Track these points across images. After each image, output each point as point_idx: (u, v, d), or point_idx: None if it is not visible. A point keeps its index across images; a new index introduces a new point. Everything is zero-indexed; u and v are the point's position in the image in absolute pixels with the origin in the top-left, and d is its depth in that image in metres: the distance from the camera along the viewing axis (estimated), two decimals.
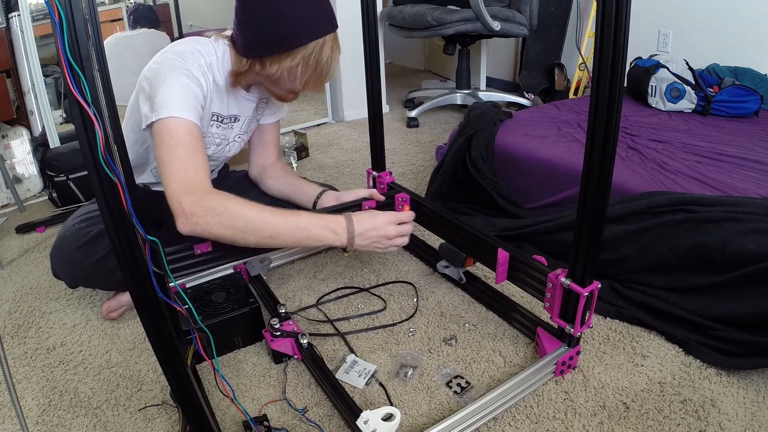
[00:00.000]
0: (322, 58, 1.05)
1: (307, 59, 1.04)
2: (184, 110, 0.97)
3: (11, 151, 2.08)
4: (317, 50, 1.03)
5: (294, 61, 1.03)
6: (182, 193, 0.92)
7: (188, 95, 1.00)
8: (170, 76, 0.99)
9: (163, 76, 0.99)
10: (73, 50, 0.53)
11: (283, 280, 1.38)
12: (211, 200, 0.94)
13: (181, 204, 0.92)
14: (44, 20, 2.15)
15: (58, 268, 1.21)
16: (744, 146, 1.52)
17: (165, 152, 0.95)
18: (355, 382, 1.01)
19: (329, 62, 1.07)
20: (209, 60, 1.07)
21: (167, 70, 1.00)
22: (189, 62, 1.03)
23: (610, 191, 0.83)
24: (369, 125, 1.43)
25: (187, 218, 0.92)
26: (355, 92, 2.87)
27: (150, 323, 0.66)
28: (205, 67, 1.06)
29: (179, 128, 0.96)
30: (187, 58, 1.03)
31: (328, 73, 1.09)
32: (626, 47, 0.72)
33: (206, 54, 1.07)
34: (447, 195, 1.72)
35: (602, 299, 1.19)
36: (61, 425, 0.96)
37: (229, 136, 1.24)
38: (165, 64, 1.02)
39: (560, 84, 2.89)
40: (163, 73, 1.00)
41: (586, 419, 0.91)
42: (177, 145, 0.95)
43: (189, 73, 1.02)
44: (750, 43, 2.13)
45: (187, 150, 0.96)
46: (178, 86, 0.99)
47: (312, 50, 1.03)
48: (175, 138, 0.95)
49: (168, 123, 0.96)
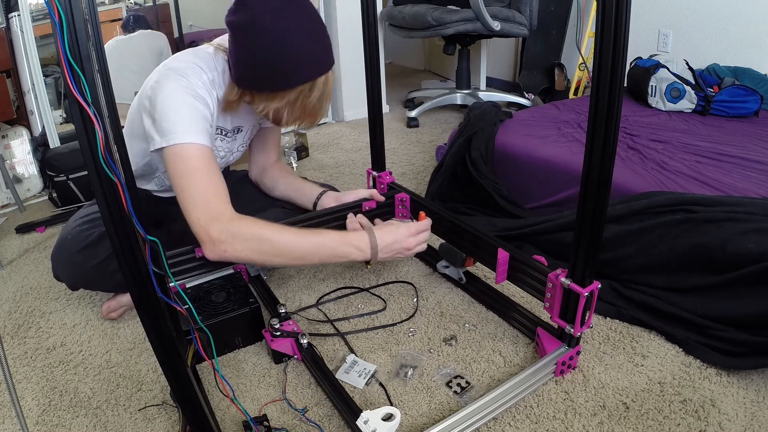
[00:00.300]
0: (309, 102, 1.01)
1: (293, 103, 1.01)
2: (195, 134, 0.96)
3: (11, 151, 2.08)
4: (305, 93, 1.00)
5: (280, 103, 1.00)
6: (207, 222, 0.92)
7: (196, 117, 0.98)
8: (176, 98, 0.96)
9: (168, 97, 0.96)
10: (73, 50, 0.52)
11: (283, 280, 1.38)
12: (237, 227, 0.94)
13: (208, 232, 0.92)
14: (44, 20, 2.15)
15: (59, 270, 1.21)
16: (744, 146, 1.52)
17: (182, 180, 0.94)
18: (355, 382, 1.01)
19: (319, 104, 1.03)
20: (211, 76, 1.04)
21: (172, 91, 0.97)
22: (192, 81, 1.00)
23: (610, 191, 0.83)
24: (369, 125, 1.43)
25: (215, 246, 0.92)
26: (355, 92, 2.87)
27: (150, 323, 0.66)
28: (209, 83, 1.03)
29: (193, 153, 0.95)
30: (190, 77, 1.00)
31: (318, 113, 1.06)
32: (626, 47, 0.72)
33: (207, 70, 1.04)
34: (447, 195, 1.72)
35: (602, 299, 1.19)
36: (61, 425, 0.96)
37: (234, 147, 1.24)
38: (168, 84, 0.98)
39: (560, 84, 2.89)
40: (168, 93, 0.97)
41: (586, 419, 0.91)
42: (193, 171, 0.94)
43: (194, 92, 0.99)
44: (750, 43, 2.13)
45: (204, 175, 0.95)
46: (185, 109, 0.96)
47: (299, 95, 0.99)
48: (190, 163, 0.94)
49: (180, 149, 0.94)
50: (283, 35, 0.93)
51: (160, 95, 0.96)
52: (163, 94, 0.96)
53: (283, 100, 1.00)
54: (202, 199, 0.93)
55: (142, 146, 1.12)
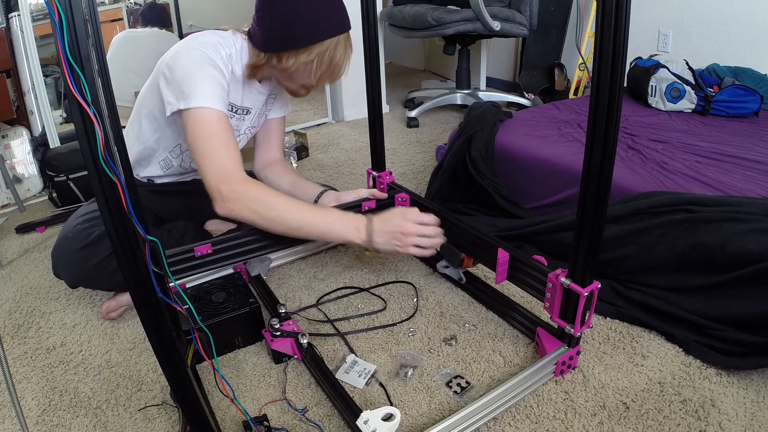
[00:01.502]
0: (336, 56, 1.09)
1: (322, 56, 1.08)
2: (214, 100, 1.03)
3: (11, 151, 2.08)
4: (332, 48, 1.08)
5: (309, 56, 1.07)
6: (220, 181, 1.00)
7: (216, 85, 1.05)
8: (197, 66, 1.04)
9: (190, 65, 1.04)
10: (73, 50, 0.53)
11: (283, 280, 1.38)
12: (247, 189, 1.01)
13: (220, 190, 1.00)
14: (44, 20, 2.15)
15: (59, 269, 1.21)
16: (744, 146, 1.52)
17: (200, 142, 1.01)
18: (355, 382, 1.01)
19: (342, 60, 1.12)
20: (229, 51, 1.11)
21: (193, 60, 1.05)
22: (212, 53, 1.07)
23: (610, 191, 0.83)
24: (369, 125, 1.43)
25: (225, 203, 1.00)
26: (355, 92, 2.86)
27: (150, 323, 0.66)
28: (225, 57, 1.10)
29: (211, 119, 1.02)
30: (209, 49, 1.07)
31: (341, 70, 1.13)
32: (626, 47, 0.72)
33: (226, 45, 1.11)
34: (447, 195, 1.72)
35: (602, 299, 1.19)
36: (61, 425, 0.96)
37: (241, 128, 1.27)
38: (189, 53, 1.06)
39: (560, 84, 2.89)
40: (189, 62, 1.04)
41: (586, 419, 0.91)
42: (211, 135, 1.02)
43: (214, 63, 1.06)
44: (750, 43, 2.13)
45: (221, 140, 1.02)
46: (206, 76, 1.04)
47: (327, 48, 1.08)
48: (209, 129, 1.02)
49: (200, 113, 1.02)
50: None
51: (180, 63, 1.05)
52: (184, 61, 1.05)
53: (313, 53, 1.07)
54: (217, 161, 1.01)
55: (153, 123, 1.19)
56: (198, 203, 1.38)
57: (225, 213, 1.01)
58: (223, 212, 1.01)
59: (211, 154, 1.01)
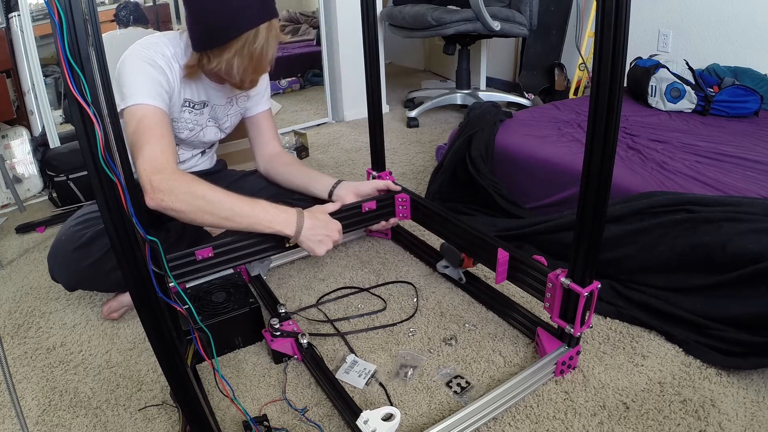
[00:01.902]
0: (255, 49, 1.08)
1: (241, 51, 1.07)
2: (149, 97, 1.05)
3: (11, 151, 2.08)
4: (250, 41, 1.06)
5: (229, 53, 1.07)
6: (151, 172, 0.99)
7: (152, 82, 1.07)
8: (135, 66, 1.07)
9: (129, 66, 1.07)
10: (73, 50, 0.53)
11: (283, 280, 1.38)
12: (177, 179, 1.01)
13: (151, 181, 0.99)
14: (44, 20, 2.15)
15: (55, 272, 1.21)
16: (744, 146, 1.52)
17: (134, 136, 1.03)
18: (355, 382, 1.01)
19: (264, 52, 1.10)
20: (173, 50, 1.13)
21: (132, 61, 1.08)
22: (153, 52, 1.09)
23: (610, 191, 0.83)
24: (369, 125, 1.43)
25: (155, 194, 0.99)
26: (355, 92, 2.87)
27: (150, 323, 0.66)
28: (170, 57, 1.12)
29: (146, 114, 1.04)
30: (152, 48, 1.10)
31: (264, 61, 1.12)
32: (626, 47, 0.72)
33: (170, 45, 1.13)
34: (447, 195, 1.72)
35: (602, 299, 1.19)
36: (61, 425, 0.96)
37: (201, 121, 1.27)
38: (131, 55, 1.09)
39: (560, 84, 2.89)
40: (129, 63, 1.08)
41: (586, 419, 0.91)
42: (145, 129, 1.03)
43: (152, 62, 1.08)
44: (750, 43, 2.13)
45: (154, 133, 1.03)
46: (143, 75, 1.06)
47: (245, 42, 1.06)
48: (143, 123, 1.03)
49: (135, 109, 1.04)
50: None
51: (123, 65, 1.08)
52: (125, 63, 1.08)
53: (232, 50, 1.07)
54: (150, 153, 1.01)
55: None
56: None
57: (155, 205, 0.99)
58: (153, 204, 0.99)
59: (144, 147, 1.01)
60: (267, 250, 1.14)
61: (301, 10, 3.90)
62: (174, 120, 1.18)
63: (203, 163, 1.39)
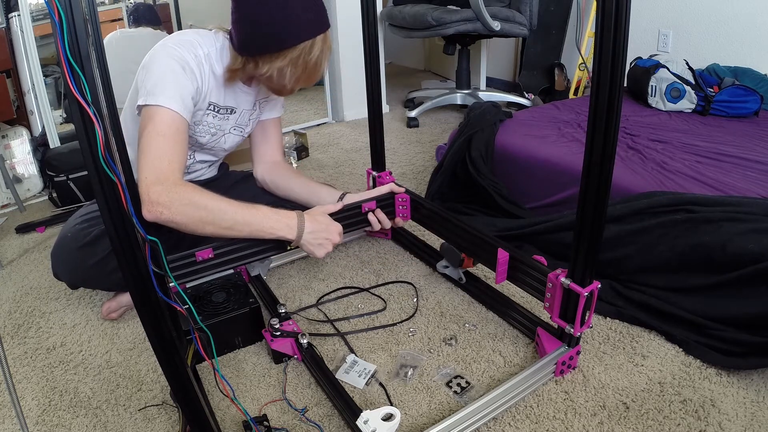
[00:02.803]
0: (310, 59, 1.06)
1: (296, 60, 1.06)
2: (172, 100, 1.00)
3: (11, 151, 2.08)
4: (306, 51, 1.05)
5: (283, 62, 1.05)
6: (152, 182, 0.95)
7: (179, 85, 1.02)
8: (164, 64, 1.02)
9: (158, 62, 1.03)
10: (73, 50, 0.53)
11: (283, 280, 1.38)
12: (177, 192, 0.97)
13: (149, 193, 0.94)
14: (44, 20, 2.15)
15: (58, 269, 1.21)
16: (744, 146, 1.52)
17: (145, 139, 0.98)
18: (355, 382, 1.01)
19: (318, 63, 1.09)
20: (207, 50, 1.09)
21: (163, 58, 1.03)
22: (185, 51, 1.05)
23: (610, 191, 0.83)
24: (369, 125, 1.43)
25: (153, 206, 0.94)
26: (355, 92, 2.87)
27: (150, 323, 0.66)
28: (203, 57, 1.08)
29: (163, 118, 0.99)
30: (185, 47, 1.06)
31: (317, 72, 1.11)
32: (626, 47, 0.72)
33: (205, 44, 1.09)
34: (447, 195, 1.72)
35: (602, 299, 1.19)
36: (61, 425, 0.96)
37: (225, 128, 1.24)
38: (162, 51, 1.04)
39: (560, 84, 2.89)
40: (159, 60, 1.03)
41: (586, 419, 0.91)
42: (158, 134, 0.98)
43: (184, 63, 1.04)
44: (750, 43, 2.13)
45: (167, 141, 0.99)
46: (171, 75, 1.02)
47: (300, 52, 1.05)
48: (158, 127, 0.99)
49: (154, 111, 0.99)
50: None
51: (152, 61, 1.03)
52: (154, 59, 1.03)
53: (286, 59, 1.05)
54: (155, 161, 0.97)
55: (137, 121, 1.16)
56: None
57: (152, 217, 0.95)
58: (151, 216, 0.95)
59: (152, 153, 0.97)
60: (267, 251, 1.14)
61: None
62: (196, 123, 1.15)
63: (209, 172, 1.37)
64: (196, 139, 1.18)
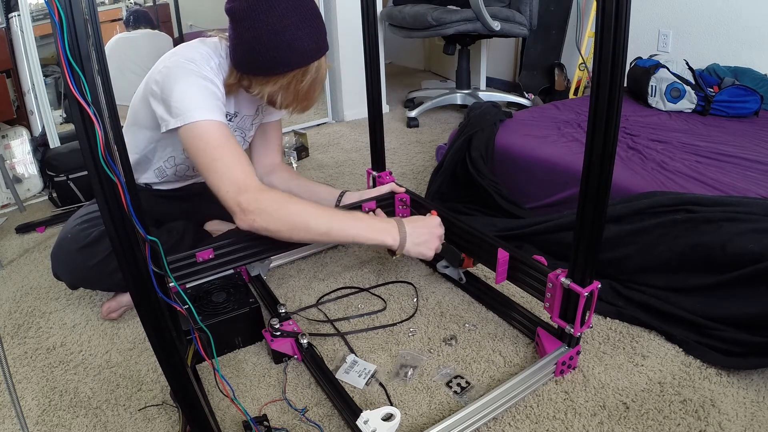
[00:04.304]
0: (301, 87, 1.05)
1: (286, 87, 1.04)
2: (210, 112, 0.99)
3: (11, 151, 2.08)
4: (297, 78, 1.03)
5: (273, 87, 1.04)
6: (236, 193, 0.95)
7: (209, 96, 1.01)
8: (186, 80, 1.00)
9: (178, 79, 1.00)
10: (73, 50, 0.52)
11: (283, 280, 1.38)
12: (266, 198, 0.96)
13: (239, 203, 0.95)
14: (44, 20, 2.15)
15: (58, 270, 1.21)
16: (744, 146, 1.52)
17: (205, 157, 0.97)
18: (355, 382, 1.01)
19: (311, 90, 1.07)
20: (218, 61, 1.08)
21: (182, 74, 1.00)
22: (201, 65, 1.04)
23: (610, 191, 0.83)
24: (369, 125, 1.43)
25: (246, 215, 0.95)
26: (355, 92, 2.87)
27: (150, 323, 0.66)
28: (216, 68, 1.07)
29: (211, 130, 0.98)
30: (199, 62, 1.04)
31: (309, 99, 1.09)
32: (626, 47, 0.72)
33: (215, 55, 1.08)
34: (447, 195, 1.72)
35: (602, 299, 1.19)
36: (61, 425, 0.96)
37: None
38: (178, 68, 1.02)
39: (560, 84, 2.89)
40: (178, 76, 1.00)
41: (586, 419, 0.91)
42: (215, 147, 0.97)
43: (203, 75, 1.03)
44: (750, 43, 2.13)
45: (226, 150, 0.97)
46: (198, 89, 1.00)
47: (291, 79, 1.03)
48: (211, 141, 0.97)
49: (198, 127, 0.97)
50: (276, 22, 0.98)
51: (170, 79, 1.00)
52: (174, 77, 1.00)
53: (276, 85, 1.03)
54: (228, 172, 0.96)
55: (147, 134, 1.16)
56: (196, 205, 1.38)
57: (247, 227, 0.96)
58: (246, 226, 0.96)
59: (220, 168, 0.96)
60: (267, 251, 1.14)
61: None
62: None
63: None
64: None
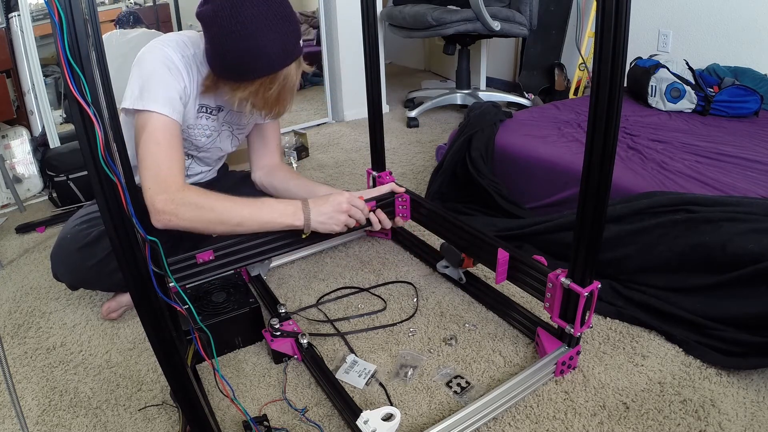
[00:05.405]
0: (270, 95, 1.04)
1: (255, 94, 1.04)
2: (165, 106, 1.01)
3: (11, 151, 2.08)
4: (265, 86, 1.02)
5: (243, 93, 1.03)
6: (156, 192, 0.97)
7: (166, 87, 1.03)
8: (151, 66, 1.02)
9: (145, 64, 1.03)
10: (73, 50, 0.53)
11: (283, 280, 1.38)
12: (182, 197, 0.99)
13: (154, 203, 0.97)
14: (44, 20, 2.15)
15: (58, 270, 1.21)
16: (744, 146, 1.52)
17: (142, 149, 1.00)
18: (355, 382, 1.01)
19: (280, 97, 1.06)
20: (193, 51, 1.08)
21: (151, 60, 1.03)
22: (172, 51, 1.05)
23: (610, 191, 0.83)
24: (369, 125, 1.43)
25: (160, 215, 0.97)
26: (355, 92, 2.86)
27: (150, 323, 0.66)
28: (190, 58, 1.07)
29: (157, 126, 1.01)
30: (172, 47, 1.05)
31: (279, 105, 1.08)
32: (626, 47, 0.72)
33: (191, 45, 1.08)
34: (447, 195, 1.72)
35: (602, 299, 1.19)
36: (61, 425, 0.96)
37: (217, 126, 1.24)
38: (149, 53, 1.04)
39: (560, 84, 2.89)
40: (148, 62, 1.03)
41: (586, 419, 0.91)
42: (154, 142, 1.00)
43: (172, 64, 1.04)
44: (750, 43, 2.13)
45: (162, 148, 1.00)
46: (157, 76, 1.02)
47: (259, 86, 1.02)
48: (154, 135, 1.00)
49: (149, 118, 1.00)
50: (241, 28, 0.97)
51: (140, 62, 1.03)
52: (143, 61, 1.03)
53: (246, 91, 1.03)
54: (155, 170, 0.99)
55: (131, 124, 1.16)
56: None
57: (162, 226, 0.97)
58: (160, 225, 0.97)
59: (151, 162, 0.98)
60: (267, 252, 1.14)
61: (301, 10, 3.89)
62: (190, 127, 1.15)
63: (210, 174, 1.37)
64: (192, 142, 1.19)
